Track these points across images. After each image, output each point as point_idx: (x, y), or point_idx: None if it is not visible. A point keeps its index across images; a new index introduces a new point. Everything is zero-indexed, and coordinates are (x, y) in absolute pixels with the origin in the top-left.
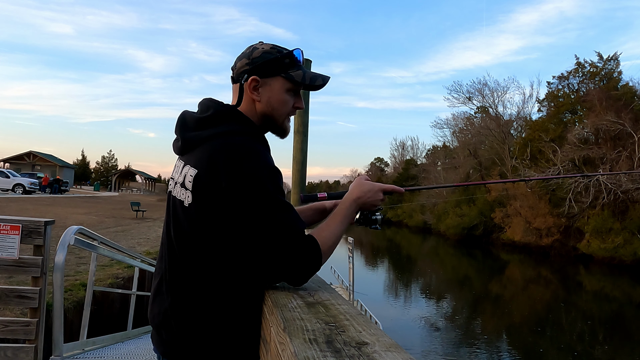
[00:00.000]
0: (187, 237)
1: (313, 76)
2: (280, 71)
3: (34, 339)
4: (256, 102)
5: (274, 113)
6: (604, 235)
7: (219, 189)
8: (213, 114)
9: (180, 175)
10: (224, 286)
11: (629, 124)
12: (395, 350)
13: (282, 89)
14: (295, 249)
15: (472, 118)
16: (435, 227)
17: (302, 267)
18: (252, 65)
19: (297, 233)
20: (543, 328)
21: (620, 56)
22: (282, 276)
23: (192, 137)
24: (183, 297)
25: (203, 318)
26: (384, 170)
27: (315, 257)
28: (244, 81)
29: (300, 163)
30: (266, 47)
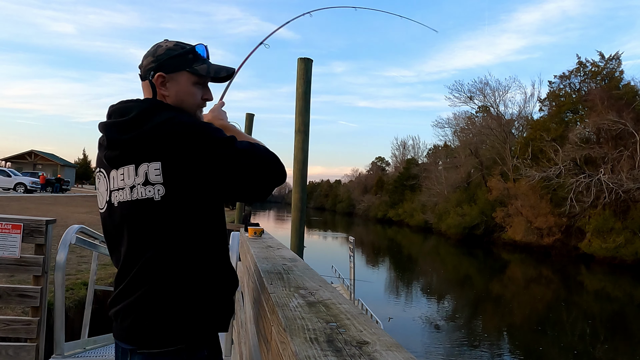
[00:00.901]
0: (167, 229)
1: (217, 68)
2: (184, 66)
3: (35, 337)
4: (165, 96)
5: (184, 105)
6: (605, 234)
7: (192, 162)
8: (141, 110)
9: (137, 178)
10: (199, 262)
11: (631, 123)
12: (396, 349)
13: (188, 83)
14: (268, 156)
15: (473, 117)
16: (436, 226)
17: (278, 163)
18: (157, 62)
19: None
20: (544, 328)
21: (622, 55)
22: (275, 178)
23: (132, 139)
24: (161, 284)
25: (183, 297)
26: (385, 169)
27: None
28: (150, 78)
29: (302, 162)
30: (170, 45)
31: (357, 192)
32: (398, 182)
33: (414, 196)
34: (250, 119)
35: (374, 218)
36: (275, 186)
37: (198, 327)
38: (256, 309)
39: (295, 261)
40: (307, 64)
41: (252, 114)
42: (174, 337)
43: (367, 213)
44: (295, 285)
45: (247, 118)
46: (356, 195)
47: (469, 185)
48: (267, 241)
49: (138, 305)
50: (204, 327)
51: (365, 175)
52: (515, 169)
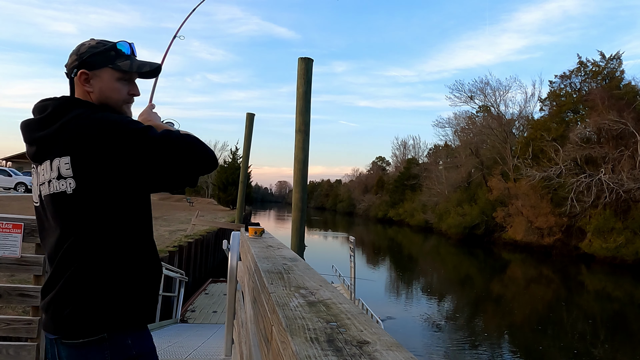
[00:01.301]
0: (80, 220)
1: (140, 64)
2: (107, 62)
3: (36, 337)
4: (89, 93)
5: (109, 101)
6: (606, 234)
7: (102, 153)
8: (54, 107)
9: (52, 172)
10: (119, 252)
11: (631, 123)
12: (396, 349)
13: (112, 79)
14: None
15: (473, 117)
16: (437, 226)
17: (207, 150)
18: (79, 60)
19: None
20: (544, 327)
21: (622, 55)
22: (204, 165)
23: (45, 136)
24: (80, 274)
25: (103, 286)
26: (386, 169)
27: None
28: (74, 75)
29: (302, 162)
30: (92, 43)
31: (358, 191)
32: (398, 181)
33: (415, 196)
34: (251, 119)
35: (375, 218)
36: (200, 172)
37: (120, 316)
38: (256, 309)
39: (295, 261)
40: (307, 63)
41: (252, 113)
42: (95, 326)
43: (368, 213)
44: (296, 285)
45: (247, 118)
46: (357, 195)
47: (469, 185)
48: (268, 241)
49: (59, 295)
50: (126, 316)
51: (365, 175)
52: (515, 169)
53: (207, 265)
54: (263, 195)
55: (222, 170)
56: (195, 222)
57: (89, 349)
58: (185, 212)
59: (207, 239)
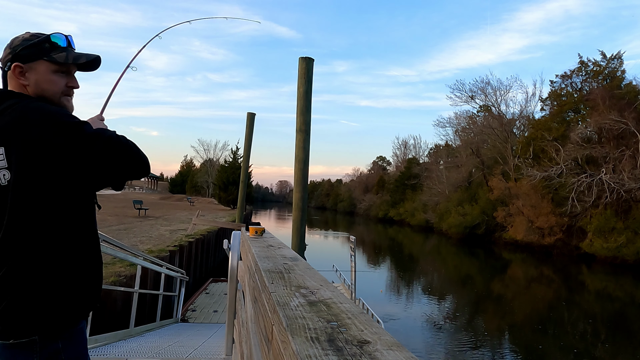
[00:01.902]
0: (13, 213)
1: (76, 56)
2: (41, 55)
3: None
4: (25, 86)
5: (45, 94)
6: (607, 234)
7: (38, 146)
8: None
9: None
10: (53, 250)
11: (632, 123)
12: (397, 348)
13: (47, 71)
14: (128, 145)
15: (474, 117)
16: (438, 226)
17: (140, 154)
18: (13, 53)
19: (119, 137)
20: (545, 327)
21: (624, 55)
22: (136, 169)
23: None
24: (10, 271)
25: (34, 285)
26: (386, 168)
27: (136, 145)
28: (7, 69)
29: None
30: (26, 35)
31: (358, 191)
32: (399, 181)
33: (415, 195)
34: (252, 119)
35: (375, 217)
36: (131, 174)
37: (53, 318)
38: (257, 308)
39: (296, 260)
40: (308, 63)
41: (253, 113)
42: (27, 327)
43: (368, 212)
44: (296, 285)
45: (248, 117)
46: (357, 195)
47: (470, 184)
48: (268, 240)
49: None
50: (59, 318)
51: (366, 174)
52: (516, 169)
53: (208, 264)
54: (264, 195)
55: (223, 169)
56: (196, 221)
57: (19, 351)
58: (186, 212)
59: (207, 239)
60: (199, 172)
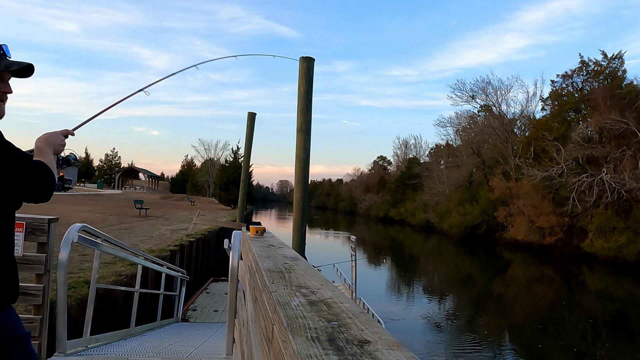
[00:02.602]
0: None
1: (8, 63)
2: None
3: (37, 335)
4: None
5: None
6: (608, 234)
7: None
8: None
9: None
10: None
11: (633, 122)
12: (397, 348)
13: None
14: (33, 172)
15: (475, 117)
16: (438, 225)
17: (43, 182)
18: None
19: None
20: (545, 327)
21: (625, 55)
22: (32, 195)
23: None
24: None
25: None
26: (387, 168)
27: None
28: None
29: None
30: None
31: (359, 191)
32: (400, 181)
33: (416, 195)
34: (252, 118)
35: (376, 217)
36: (28, 199)
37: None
38: (258, 308)
39: (296, 260)
40: (309, 63)
41: (254, 112)
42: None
43: (369, 212)
44: (297, 284)
45: (249, 117)
46: (358, 194)
47: (470, 184)
48: (269, 240)
49: None
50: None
51: (367, 174)
52: (517, 168)
53: (209, 264)
54: (264, 195)
55: (224, 169)
56: (196, 221)
57: None
58: (187, 211)
59: (208, 238)
60: (200, 171)
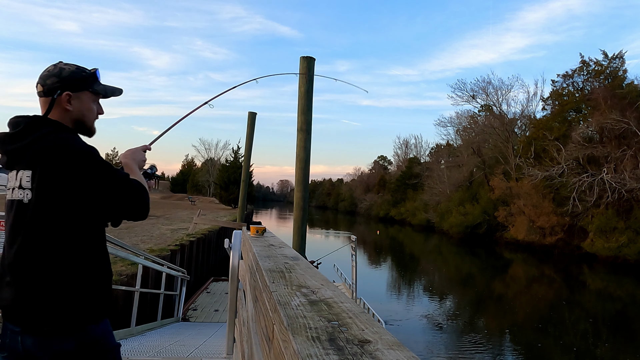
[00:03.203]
0: (30, 227)
1: (111, 89)
2: (87, 86)
3: None
4: (69, 111)
5: (85, 119)
6: (608, 234)
7: (56, 175)
8: (25, 125)
9: (16, 181)
10: (71, 255)
11: (634, 122)
12: (397, 348)
13: (89, 101)
14: (133, 191)
15: (476, 116)
16: (439, 225)
17: (141, 200)
18: (63, 82)
19: (128, 182)
20: (546, 327)
21: (626, 54)
22: (132, 213)
23: (15, 149)
24: (37, 274)
25: (59, 285)
26: (387, 168)
27: (143, 192)
28: (57, 95)
29: (304, 161)
30: (72, 68)
31: (359, 190)
32: (400, 181)
33: (416, 195)
34: (253, 118)
35: (376, 217)
36: (129, 218)
37: (60, 318)
38: (258, 307)
39: (297, 260)
40: (309, 62)
41: (254, 112)
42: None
43: (369, 212)
44: (297, 284)
45: (249, 117)
46: (358, 194)
47: (471, 184)
48: (269, 240)
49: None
50: (66, 320)
51: (367, 174)
52: (517, 168)
53: (209, 264)
54: (265, 194)
55: (224, 169)
56: (197, 220)
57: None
58: (187, 211)
59: (208, 238)
60: (200, 171)
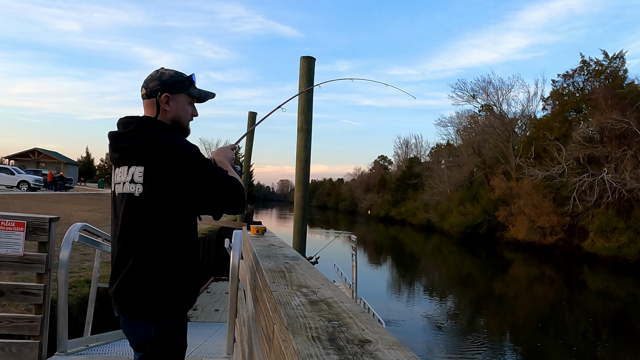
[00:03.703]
0: (140, 219)
1: (205, 93)
2: (184, 89)
3: (38, 335)
4: (167, 112)
5: (180, 119)
6: (609, 234)
7: (167, 171)
8: (137, 125)
9: (128, 176)
10: (174, 246)
11: (634, 122)
12: (398, 348)
13: (185, 102)
14: (233, 187)
15: (476, 116)
16: (439, 225)
17: (241, 196)
18: (163, 85)
19: (228, 178)
20: (546, 327)
21: (626, 54)
22: (232, 207)
23: (127, 147)
24: (137, 264)
25: (163, 274)
26: (388, 168)
27: (241, 187)
28: (158, 97)
29: (304, 161)
30: (171, 72)
31: (360, 190)
32: (400, 180)
33: (417, 195)
34: (253, 118)
35: (377, 217)
36: (228, 211)
37: (146, 309)
38: (258, 307)
39: (297, 259)
40: (309, 62)
41: (254, 112)
42: (145, 309)
43: (370, 211)
44: (298, 284)
45: (249, 116)
46: (358, 194)
47: (471, 184)
48: (270, 239)
49: (120, 281)
50: (150, 312)
51: (367, 173)
52: (518, 168)
53: (209, 263)
54: (265, 194)
55: None
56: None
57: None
58: None
59: (209, 238)
60: None
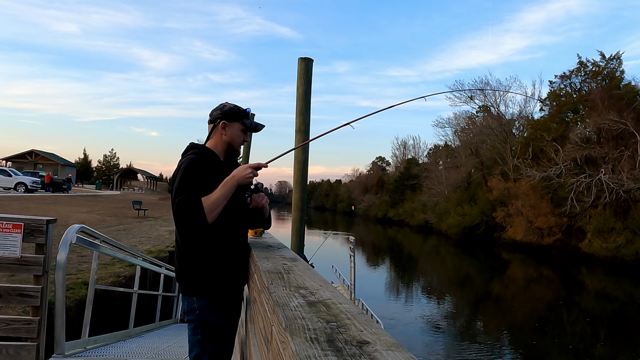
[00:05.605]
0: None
1: (256, 124)
2: (238, 119)
3: (35, 337)
4: (224, 135)
5: (233, 143)
6: (606, 234)
7: (174, 174)
8: (186, 148)
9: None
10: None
11: (631, 123)
12: (396, 349)
13: (238, 130)
14: (180, 212)
15: (473, 117)
16: (437, 226)
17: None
18: (223, 114)
19: (180, 203)
20: (544, 327)
21: (623, 55)
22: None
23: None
24: (177, 254)
25: (186, 262)
26: (386, 169)
27: (195, 211)
28: (218, 123)
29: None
30: (231, 105)
31: (358, 191)
32: (398, 181)
33: (415, 196)
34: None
35: (375, 218)
36: (180, 231)
37: (184, 287)
38: (256, 309)
39: (295, 261)
40: (307, 63)
41: (252, 113)
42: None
43: (368, 213)
44: (296, 285)
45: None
46: (357, 195)
47: (469, 185)
48: (268, 241)
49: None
50: (186, 289)
51: (365, 175)
52: (515, 169)
53: None
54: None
55: None
56: None
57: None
58: None
59: None
60: None
